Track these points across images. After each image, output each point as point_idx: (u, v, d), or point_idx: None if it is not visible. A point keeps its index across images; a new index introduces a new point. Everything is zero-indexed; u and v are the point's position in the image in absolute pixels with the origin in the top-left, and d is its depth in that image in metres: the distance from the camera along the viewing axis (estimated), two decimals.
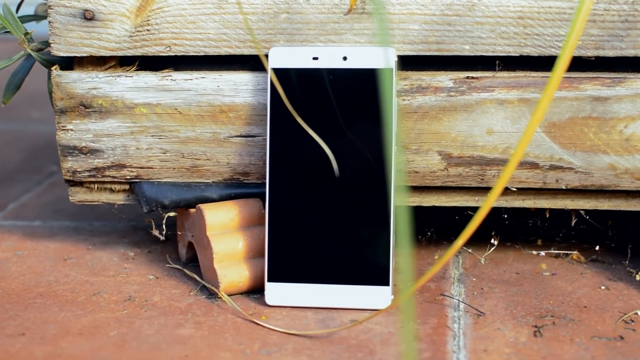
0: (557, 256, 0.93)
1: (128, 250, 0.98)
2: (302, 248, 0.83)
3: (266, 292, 0.83)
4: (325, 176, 0.83)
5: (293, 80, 0.82)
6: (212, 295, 0.86)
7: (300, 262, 0.83)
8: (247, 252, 0.86)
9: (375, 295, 0.82)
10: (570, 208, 0.86)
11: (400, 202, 0.48)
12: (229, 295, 0.85)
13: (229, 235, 0.86)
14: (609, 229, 0.94)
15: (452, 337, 0.78)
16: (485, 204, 0.68)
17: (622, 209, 0.86)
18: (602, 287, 0.87)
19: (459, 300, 0.84)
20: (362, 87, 0.82)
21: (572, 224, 0.90)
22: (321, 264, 0.83)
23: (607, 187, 0.84)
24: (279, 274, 0.83)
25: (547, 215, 0.90)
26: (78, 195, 0.92)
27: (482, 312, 0.82)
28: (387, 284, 0.82)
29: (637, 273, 0.87)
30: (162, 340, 0.78)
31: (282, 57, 0.83)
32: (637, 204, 0.85)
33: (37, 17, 0.98)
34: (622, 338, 0.77)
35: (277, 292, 0.83)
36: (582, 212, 0.88)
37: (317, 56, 0.83)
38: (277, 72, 0.83)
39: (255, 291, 0.86)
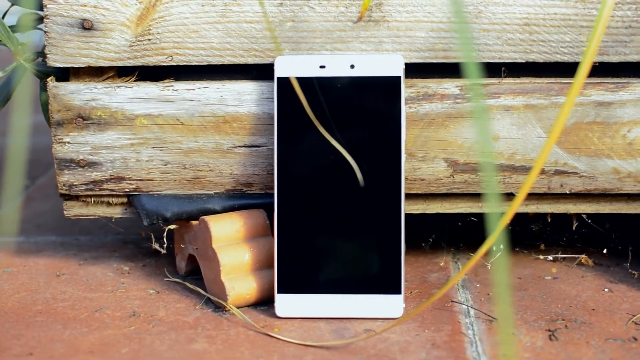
0: (555, 260, 0.94)
1: (121, 264, 0.95)
2: (311, 258, 0.82)
3: (276, 304, 0.82)
4: (334, 185, 0.82)
5: (301, 89, 0.81)
6: (218, 308, 0.85)
7: (310, 273, 0.82)
8: (254, 264, 0.85)
9: (387, 304, 0.82)
10: (572, 212, 0.87)
11: (495, 210, 0.48)
12: (236, 308, 0.84)
13: (235, 247, 0.85)
14: (611, 232, 0.95)
15: (469, 344, 0.78)
16: (510, 210, 0.68)
17: (623, 212, 0.87)
18: (606, 290, 0.88)
19: (468, 307, 0.84)
20: (370, 95, 0.82)
21: (574, 228, 0.91)
22: (332, 274, 0.82)
23: (610, 191, 0.85)
24: (289, 285, 0.82)
25: (549, 220, 0.91)
26: (73, 210, 0.90)
27: (494, 318, 0.82)
28: (399, 292, 0.82)
29: None
30: (176, 356, 0.76)
31: (288, 65, 0.82)
32: (638, 207, 0.87)
33: (23, 27, 0.95)
34: (635, 339, 0.78)
35: (288, 304, 0.82)
36: (584, 216, 0.89)
37: (324, 64, 0.82)
38: (284, 81, 0.82)
39: (262, 303, 0.85)
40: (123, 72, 0.86)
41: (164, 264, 0.95)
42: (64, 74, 0.87)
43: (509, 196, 0.87)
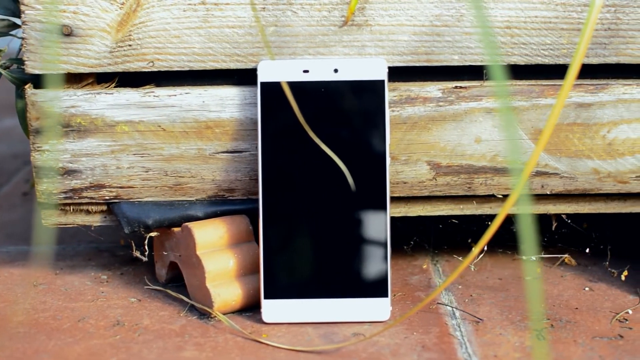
0: (535, 260, 0.95)
1: (99, 273, 0.94)
2: (298, 263, 0.82)
3: (263, 310, 0.82)
4: (319, 190, 0.82)
5: (283, 94, 0.81)
6: (203, 315, 0.84)
7: (296, 278, 0.82)
8: (238, 270, 0.84)
9: (374, 307, 0.82)
10: (552, 213, 0.88)
11: (524, 210, 0.48)
12: (222, 314, 0.83)
13: (219, 254, 0.84)
14: (590, 231, 0.97)
15: (459, 345, 0.78)
16: (502, 211, 0.69)
17: (601, 212, 0.88)
18: (586, 289, 0.89)
19: (453, 308, 0.85)
20: (354, 99, 0.82)
21: (553, 228, 0.92)
22: (318, 279, 0.82)
23: (590, 191, 0.86)
24: (275, 291, 0.82)
25: None
26: (52, 219, 0.88)
27: (480, 319, 0.83)
28: (386, 296, 0.82)
29: (620, 273, 0.90)
30: None
31: (271, 70, 0.82)
32: (616, 206, 0.88)
33: None
34: (621, 337, 0.79)
35: (275, 309, 0.82)
36: (563, 216, 0.90)
37: (307, 69, 0.82)
38: (267, 86, 0.82)
39: (247, 309, 0.85)
40: (102, 79, 0.85)
41: (143, 272, 0.94)
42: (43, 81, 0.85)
43: (490, 198, 0.87)
